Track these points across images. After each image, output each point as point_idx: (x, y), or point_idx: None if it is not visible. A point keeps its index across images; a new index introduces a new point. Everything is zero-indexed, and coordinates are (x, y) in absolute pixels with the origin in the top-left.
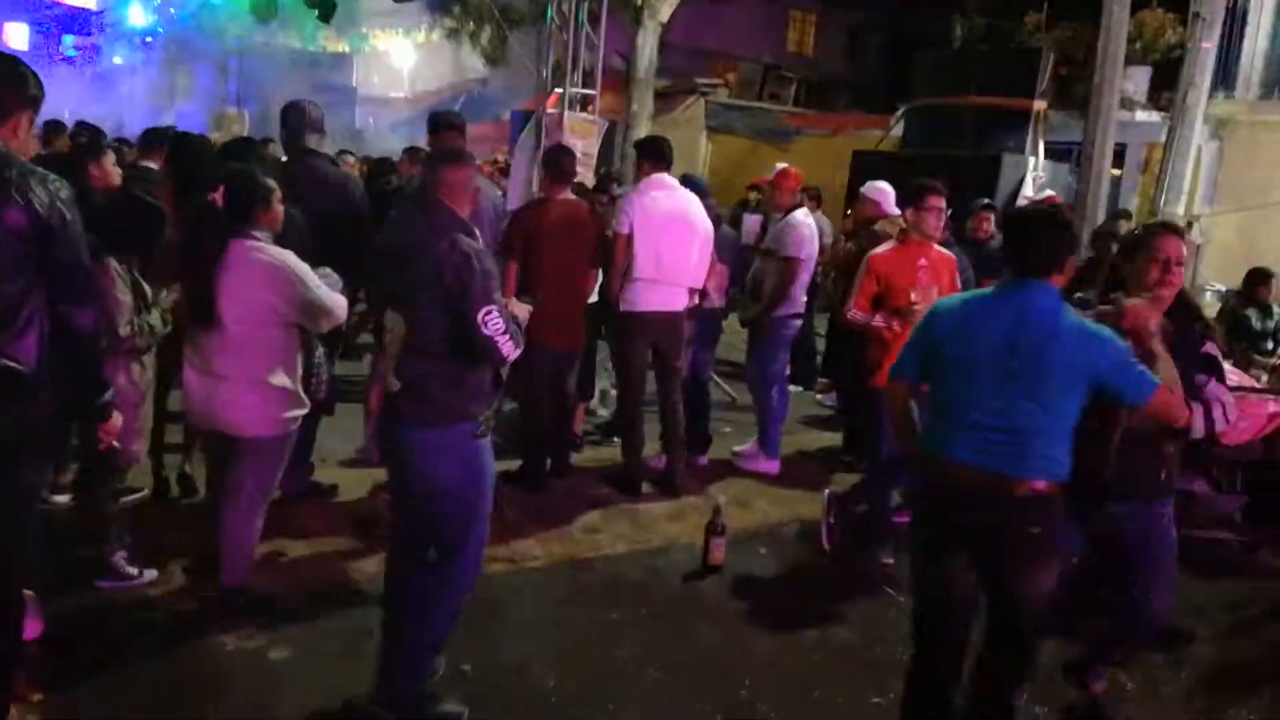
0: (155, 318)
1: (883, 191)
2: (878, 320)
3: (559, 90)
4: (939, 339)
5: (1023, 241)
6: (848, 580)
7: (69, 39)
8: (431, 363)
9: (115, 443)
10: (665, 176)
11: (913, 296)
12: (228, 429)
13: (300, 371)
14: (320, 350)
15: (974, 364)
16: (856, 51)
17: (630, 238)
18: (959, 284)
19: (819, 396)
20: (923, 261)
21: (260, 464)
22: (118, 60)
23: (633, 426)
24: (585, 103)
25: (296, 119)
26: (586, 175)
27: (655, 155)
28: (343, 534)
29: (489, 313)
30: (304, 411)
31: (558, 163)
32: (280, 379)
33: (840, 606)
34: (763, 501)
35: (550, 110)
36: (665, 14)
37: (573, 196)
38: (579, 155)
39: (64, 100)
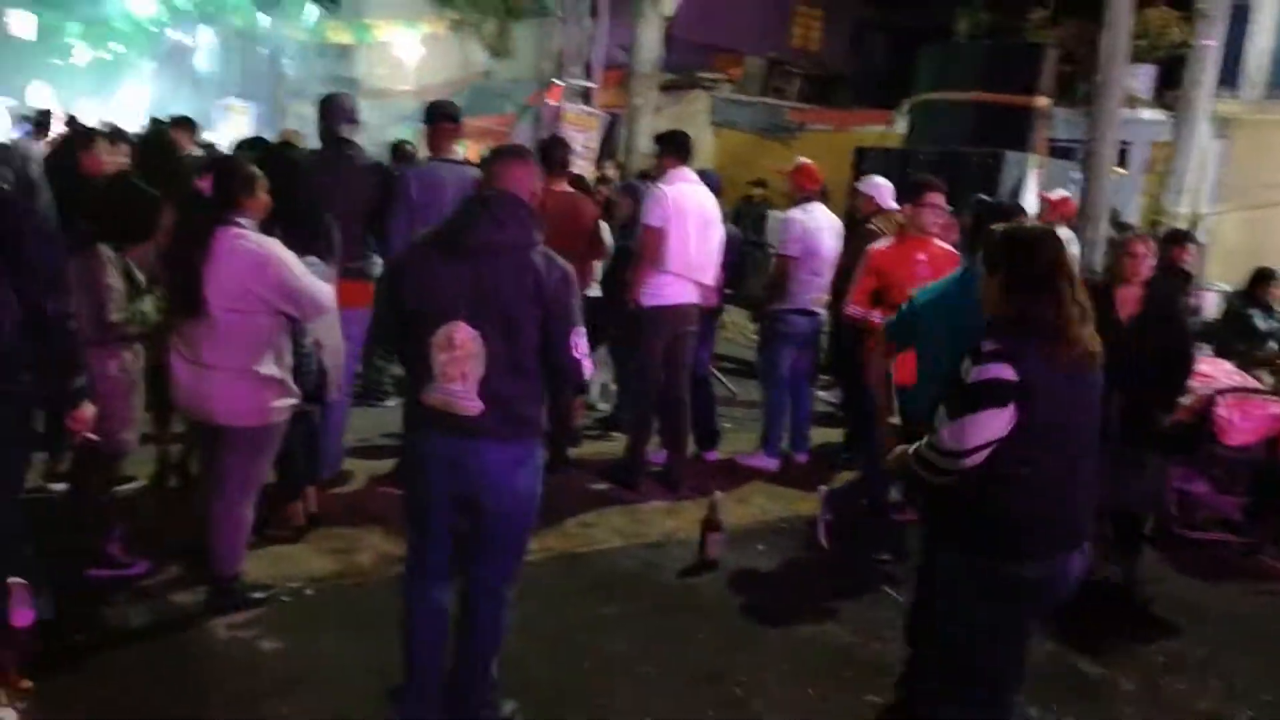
0: (148, 305)
1: (878, 187)
2: (875, 316)
3: (558, 83)
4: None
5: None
6: (844, 578)
7: (74, 28)
8: (524, 381)
9: (89, 434)
10: (687, 170)
11: (910, 293)
12: (215, 418)
13: (290, 361)
14: (310, 340)
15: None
16: (861, 46)
17: (663, 231)
18: None
19: (821, 393)
20: (921, 257)
21: (248, 454)
22: (121, 50)
23: (643, 421)
24: (585, 95)
25: (331, 109)
26: (587, 168)
27: (678, 149)
28: (340, 525)
29: (580, 334)
30: (293, 401)
31: (550, 154)
32: (268, 368)
33: (836, 604)
34: (761, 498)
35: (550, 103)
36: (669, 8)
37: (568, 188)
38: (579, 148)
39: (70, 90)
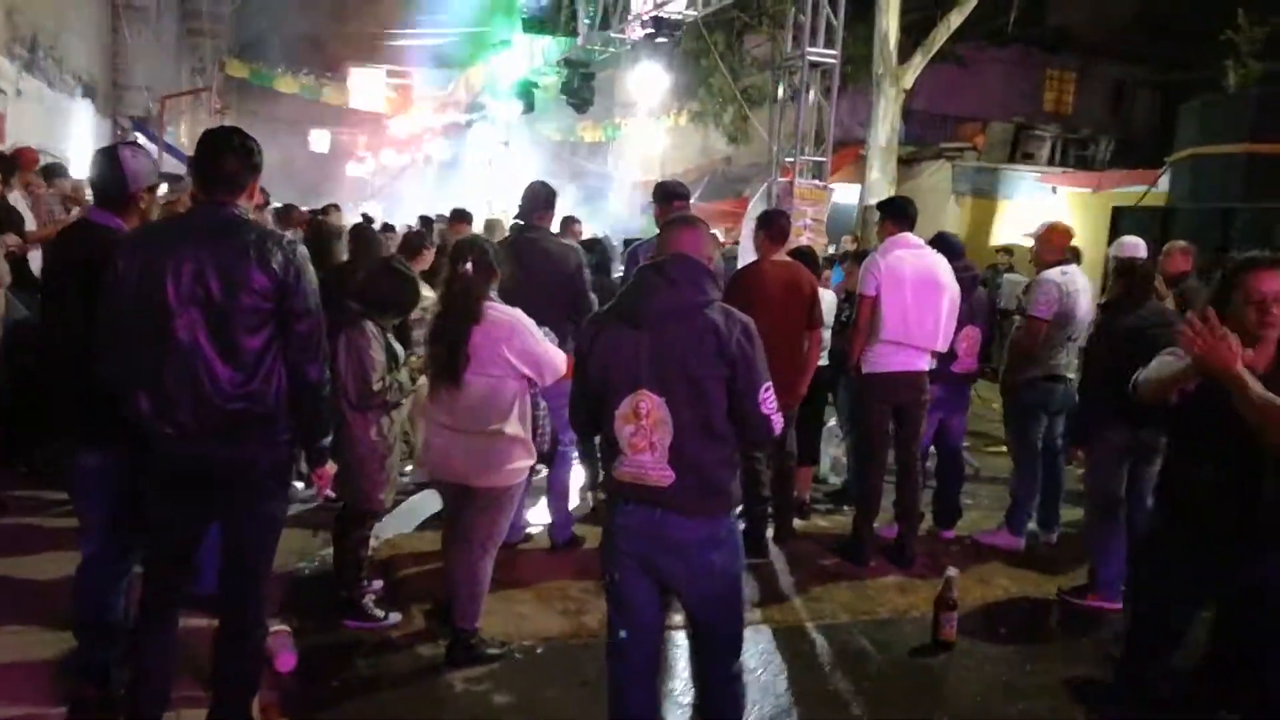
0: (404, 375)
1: (1133, 247)
2: None
3: (790, 160)
4: None
5: None
6: (1089, 668)
7: (362, 140)
8: (716, 445)
9: (329, 491)
10: (909, 236)
11: None
12: (464, 480)
13: (529, 423)
14: (543, 405)
15: None
16: (1121, 106)
17: (876, 299)
18: None
19: (1074, 467)
20: None
21: (492, 513)
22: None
23: (869, 493)
24: (818, 170)
25: (526, 198)
26: (817, 240)
27: (897, 215)
28: (568, 585)
29: (768, 389)
30: (532, 462)
31: (771, 224)
32: (514, 429)
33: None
34: (1004, 579)
35: (781, 180)
36: (908, 81)
37: (787, 258)
38: (809, 221)
39: (358, 194)
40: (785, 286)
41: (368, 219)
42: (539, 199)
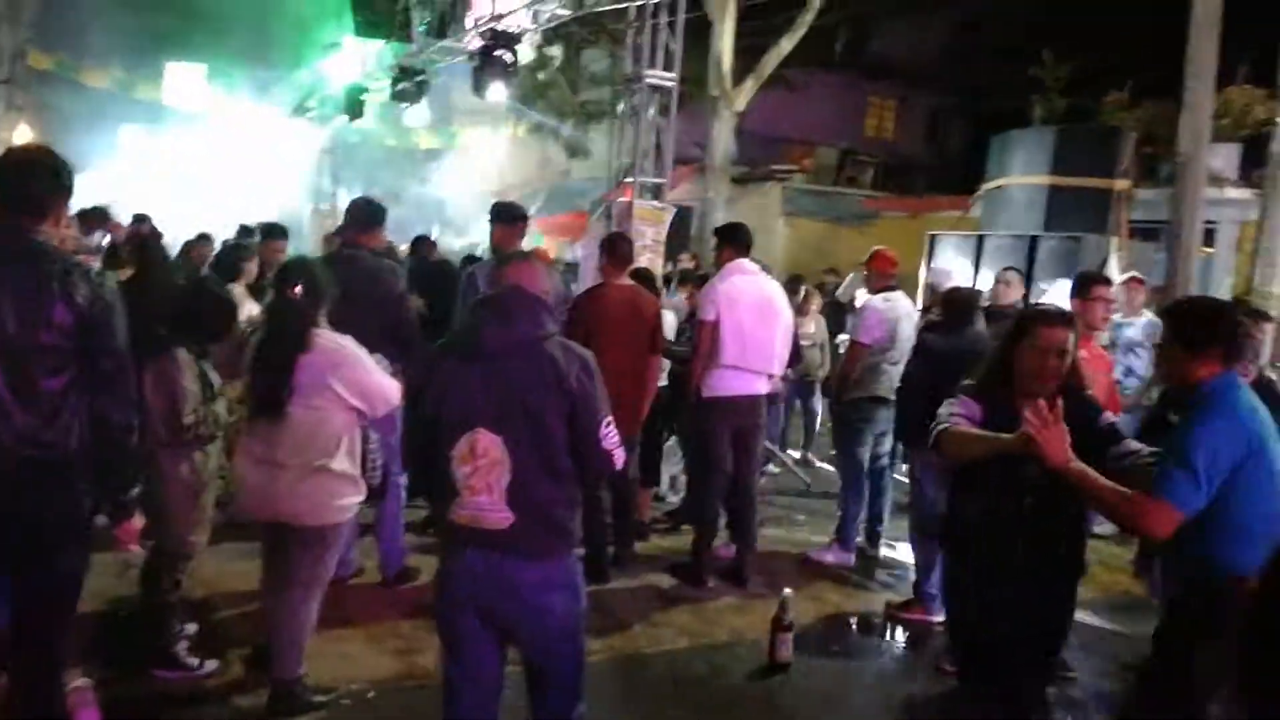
0: (221, 407)
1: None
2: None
3: (629, 181)
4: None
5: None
6: (919, 680)
7: (179, 140)
8: (557, 484)
9: (132, 545)
10: (746, 262)
11: None
12: (286, 518)
13: (359, 457)
14: (375, 437)
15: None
16: (937, 134)
17: (717, 324)
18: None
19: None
20: (1084, 355)
21: (316, 552)
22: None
23: (706, 515)
24: (657, 190)
25: (349, 215)
26: (656, 261)
27: (735, 240)
28: (401, 623)
29: (609, 423)
30: (361, 499)
31: (614, 249)
32: (341, 464)
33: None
34: (836, 595)
35: (622, 199)
36: (741, 104)
37: (629, 282)
38: (649, 242)
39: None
40: (629, 311)
41: (155, 233)
42: (362, 216)
